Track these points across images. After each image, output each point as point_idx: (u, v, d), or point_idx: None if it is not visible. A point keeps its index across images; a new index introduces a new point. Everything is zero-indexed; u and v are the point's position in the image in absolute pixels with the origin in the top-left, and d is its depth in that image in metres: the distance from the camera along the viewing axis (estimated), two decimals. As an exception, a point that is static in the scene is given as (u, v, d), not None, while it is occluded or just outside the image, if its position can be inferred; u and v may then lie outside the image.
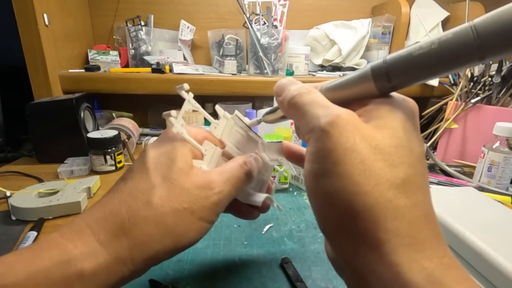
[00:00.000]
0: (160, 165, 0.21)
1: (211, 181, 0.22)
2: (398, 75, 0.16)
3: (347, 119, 0.16)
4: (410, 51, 0.15)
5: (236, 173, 0.23)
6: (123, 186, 0.21)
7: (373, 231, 0.14)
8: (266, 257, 0.35)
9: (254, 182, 0.30)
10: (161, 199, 0.20)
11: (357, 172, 0.15)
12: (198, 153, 0.24)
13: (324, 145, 0.16)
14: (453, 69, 0.15)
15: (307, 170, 0.17)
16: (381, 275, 0.14)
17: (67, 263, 0.18)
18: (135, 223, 0.19)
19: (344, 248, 0.16)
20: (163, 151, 0.22)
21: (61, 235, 0.19)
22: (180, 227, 0.20)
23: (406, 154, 0.15)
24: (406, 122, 0.16)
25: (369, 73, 0.17)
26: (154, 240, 0.19)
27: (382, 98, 0.17)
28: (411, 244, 0.14)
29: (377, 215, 0.14)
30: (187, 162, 0.22)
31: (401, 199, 0.14)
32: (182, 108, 0.24)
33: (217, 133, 0.26)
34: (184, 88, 0.23)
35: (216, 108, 0.27)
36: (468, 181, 0.56)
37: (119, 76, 0.77)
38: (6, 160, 0.67)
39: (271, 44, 0.78)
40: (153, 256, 0.20)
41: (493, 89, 0.63)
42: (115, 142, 0.59)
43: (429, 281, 0.13)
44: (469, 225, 0.30)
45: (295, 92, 0.19)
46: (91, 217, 0.20)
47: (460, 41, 0.14)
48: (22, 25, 0.66)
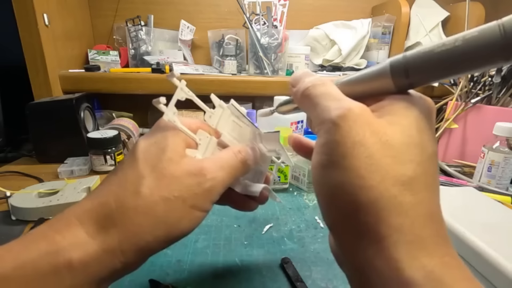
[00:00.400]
0: (150, 155, 0.21)
1: (203, 168, 0.21)
2: (418, 71, 0.16)
3: (358, 113, 0.16)
4: (431, 47, 0.15)
5: (230, 161, 0.23)
6: (113, 178, 0.21)
7: (375, 226, 0.14)
8: (266, 257, 0.35)
9: (251, 173, 0.29)
10: (150, 189, 0.20)
11: (363, 166, 0.15)
12: (192, 143, 0.23)
13: (333, 137, 0.16)
14: (475, 68, 0.14)
15: (315, 161, 0.17)
16: (380, 270, 0.14)
17: (55, 254, 0.17)
18: (124, 214, 0.19)
19: (346, 242, 0.16)
20: (153, 141, 0.22)
21: (49, 226, 0.19)
22: (171, 216, 0.20)
23: (417, 152, 0.15)
24: (420, 120, 0.16)
25: (388, 69, 0.17)
26: (144, 230, 0.19)
27: (398, 95, 0.17)
28: (413, 241, 0.14)
29: (380, 209, 0.14)
30: (178, 151, 0.21)
31: (406, 196, 0.14)
32: (174, 95, 0.23)
33: (213, 123, 0.26)
34: (175, 75, 0.22)
35: (211, 97, 0.26)
36: (468, 181, 0.56)
37: (119, 76, 0.77)
38: (6, 160, 0.67)
39: (271, 44, 0.78)
40: (144, 247, 0.19)
41: (493, 89, 0.63)
42: (115, 142, 0.59)
43: (428, 278, 0.13)
44: (469, 225, 0.30)
45: (309, 84, 0.19)
46: (80, 208, 0.20)
47: (486, 39, 0.13)
48: (22, 25, 0.66)
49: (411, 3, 0.88)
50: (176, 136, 0.22)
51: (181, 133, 0.23)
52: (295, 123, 0.65)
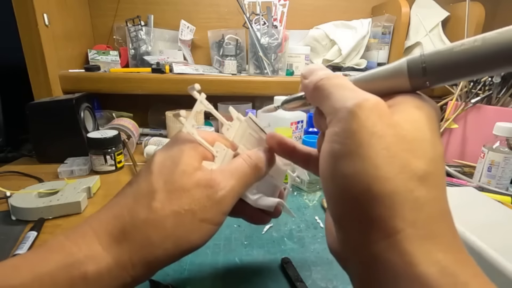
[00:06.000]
0: (165, 168, 0.21)
1: (212, 179, 0.21)
2: (435, 71, 0.16)
3: (375, 103, 0.16)
4: (451, 46, 0.15)
5: (240, 167, 0.23)
6: (128, 190, 0.21)
7: (389, 219, 0.14)
8: (266, 257, 0.35)
9: (266, 186, 0.29)
10: (161, 202, 0.20)
11: (380, 157, 0.14)
12: (209, 156, 0.23)
13: (349, 126, 0.15)
14: (493, 69, 0.14)
15: (325, 151, 0.17)
16: (392, 264, 0.14)
17: (72, 266, 0.18)
18: (135, 227, 0.19)
19: (354, 235, 0.16)
20: (169, 155, 0.22)
21: (66, 237, 0.19)
22: (181, 230, 0.20)
23: (430, 149, 0.15)
24: (431, 120, 0.16)
25: (405, 67, 0.16)
26: (153, 244, 0.19)
27: (410, 93, 0.17)
28: (427, 237, 0.14)
29: (395, 203, 0.14)
30: (192, 164, 0.21)
31: (422, 191, 0.14)
32: (194, 108, 0.23)
33: (230, 135, 0.26)
34: (195, 89, 0.22)
35: (229, 110, 0.26)
36: (468, 181, 0.56)
37: (119, 76, 0.77)
38: (6, 160, 0.67)
39: (271, 44, 0.78)
40: (153, 261, 0.19)
41: (493, 89, 0.63)
42: (115, 142, 0.59)
43: (443, 273, 0.13)
44: (469, 225, 0.30)
45: (324, 76, 0.19)
46: (96, 220, 0.20)
47: (506, 39, 0.13)
48: (22, 25, 0.66)
49: (411, 3, 0.88)
50: (192, 149, 0.22)
51: (197, 146, 0.23)
52: (295, 123, 0.65)
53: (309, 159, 0.26)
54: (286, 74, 0.84)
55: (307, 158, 0.26)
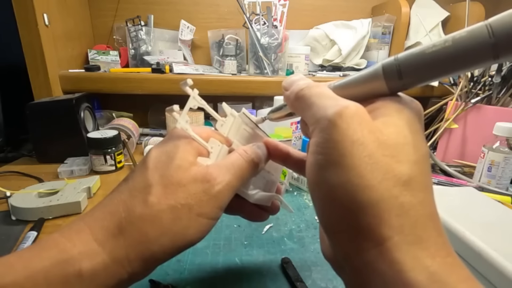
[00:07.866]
0: (160, 163, 0.21)
1: (208, 174, 0.21)
2: (410, 73, 0.16)
3: (355, 111, 0.16)
4: (422, 49, 0.15)
5: (236, 162, 0.23)
6: (123, 186, 0.21)
7: (377, 227, 0.14)
8: (266, 257, 0.35)
9: (263, 182, 0.30)
10: (157, 197, 0.19)
11: (363, 165, 0.14)
12: (204, 151, 0.23)
13: (330, 136, 0.15)
14: (466, 68, 0.14)
15: (311, 162, 0.17)
16: (382, 272, 0.14)
17: (66, 263, 0.18)
18: (131, 223, 0.19)
19: (345, 244, 0.16)
20: (165, 150, 0.22)
21: (61, 234, 0.19)
22: (177, 225, 0.19)
23: (413, 152, 0.15)
24: (412, 122, 0.16)
25: (380, 71, 0.17)
26: (150, 239, 0.19)
27: (390, 97, 0.17)
28: (415, 242, 0.14)
29: (381, 210, 0.14)
30: (188, 159, 0.21)
31: (407, 196, 0.14)
32: (187, 104, 0.23)
33: (224, 131, 0.26)
34: (188, 84, 0.22)
35: (223, 106, 0.26)
36: (468, 181, 0.56)
37: (119, 76, 0.77)
38: (6, 160, 0.67)
39: (271, 44, 0.78)
40: (149, 257, 0.19)
41: (493, 89, 0.63)
42: (115, 142, 0.59)
43: (431, 280, 0.13)
44: (469, 225, 0.30)
45: (304, 85, 0.19)
46: (91, 216, 0.20)
47: (475, 39, 0.13)
48: (22, 25, 0.66)
49: (411, 3, 0.88)
50: (187, 144, 0.22)
51: (192, 141, 0.23)
52: (295, 123, 0.65)
53: (302, 165, 0.26)
54: (286, 74, 0.84)
55: (301, 164, 0.26)
